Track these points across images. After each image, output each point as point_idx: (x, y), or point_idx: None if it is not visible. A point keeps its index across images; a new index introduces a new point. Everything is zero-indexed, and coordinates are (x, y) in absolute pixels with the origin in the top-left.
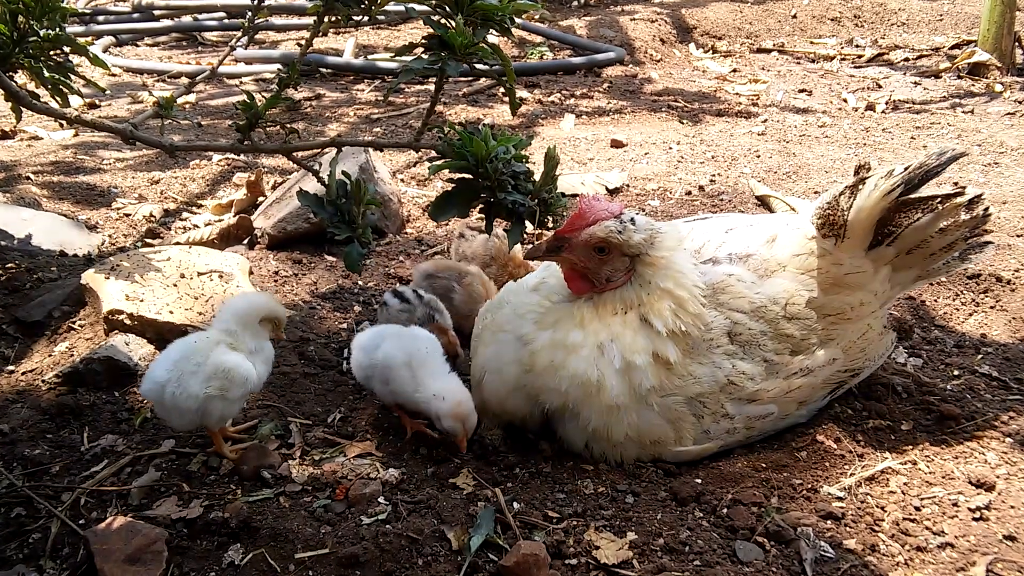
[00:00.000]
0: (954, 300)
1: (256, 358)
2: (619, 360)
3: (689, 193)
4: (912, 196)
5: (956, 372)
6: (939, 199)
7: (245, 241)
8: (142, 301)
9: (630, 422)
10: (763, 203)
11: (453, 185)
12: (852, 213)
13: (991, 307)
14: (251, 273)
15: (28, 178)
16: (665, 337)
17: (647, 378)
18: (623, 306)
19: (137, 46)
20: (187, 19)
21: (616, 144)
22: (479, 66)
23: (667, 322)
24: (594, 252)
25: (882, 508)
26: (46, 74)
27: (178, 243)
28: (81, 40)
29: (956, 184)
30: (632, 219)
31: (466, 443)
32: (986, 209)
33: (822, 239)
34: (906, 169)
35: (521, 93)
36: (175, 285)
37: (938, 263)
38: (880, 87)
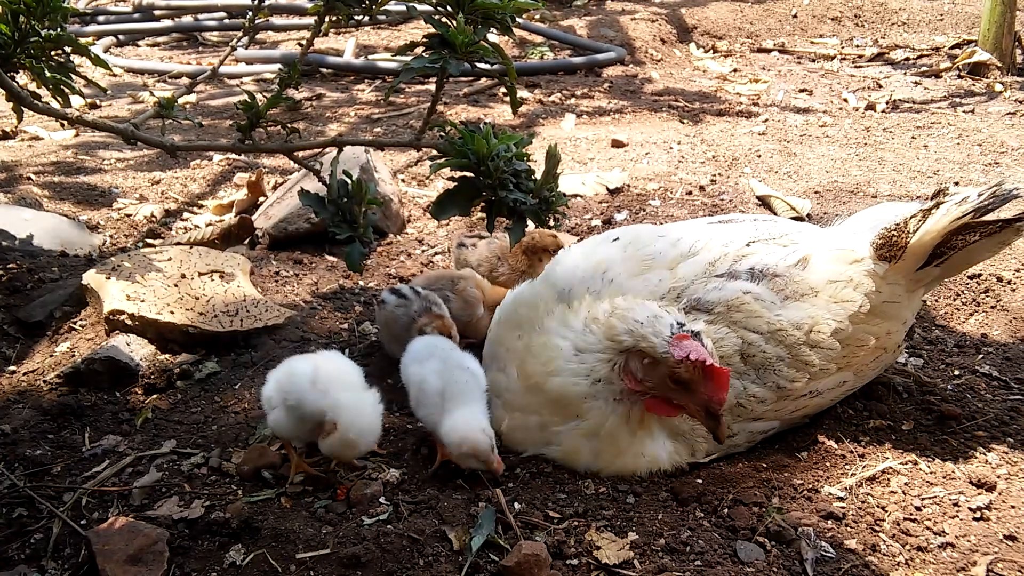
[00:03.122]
0: (955, 300)
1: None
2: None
3: (690, 193)
4: (976, 220)
5: (957, 372)
6: (1000, 223)
7: (246, 241)
8: (143, 301)
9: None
10: (764, 203)
11: (454, 184)
12: (917, 236)
13: (992, 307)
14: (252, 273)
15: (29, 178)
16: None
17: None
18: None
19: (138, 46)
20: (188, 19)
21: (617, 144)
22: (480, 65)
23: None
24: None
25: (883, 508)
26: (47, 74)
27: (179, 243)
28: (82, 40)
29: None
30: (681, 324)
31: (495, 465)
32: None
33: (876, 260)
34: (979, 196)
35: (522, 93)
36: (176, 285)
37: (958, 272)
38: (881, 87)
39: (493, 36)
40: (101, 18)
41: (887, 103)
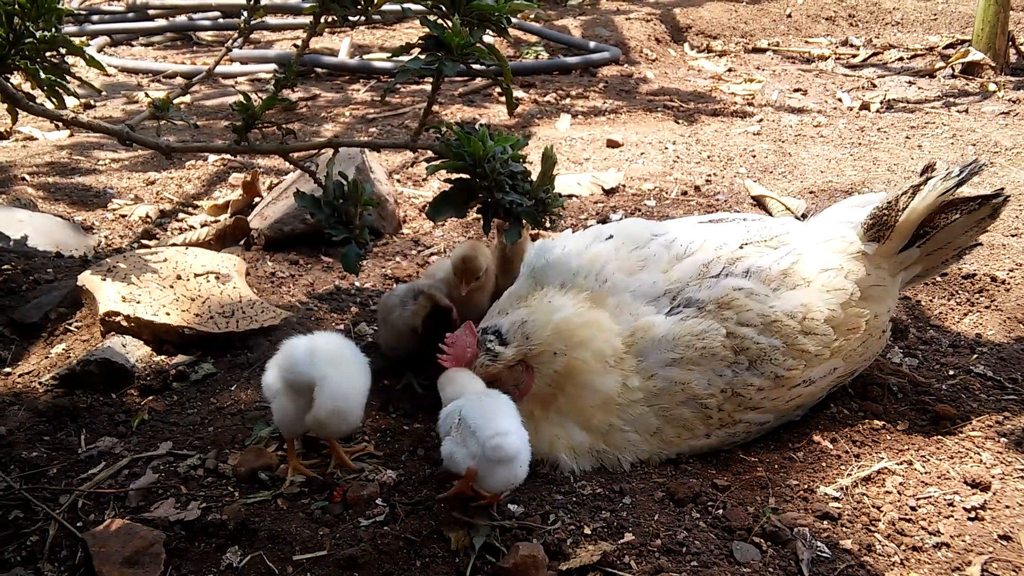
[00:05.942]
0: (949, 300)
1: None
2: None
3: (685, 193)
4: (957, 196)
5: (951, 372)
6: (978, 199)
7: (241, 242)
8: (139, 303)
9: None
10: (759, 203)
11: (450, 185)
12: (905, 213)
13: (986, 307)
14: (248, 274)
15: (24, 179)
16: (603, 404)
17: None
18: (545, 404)
19: (132, 46)
20: (182, 19)
21: (612, 144)
22: (476, 66)
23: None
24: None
25: (878, 508)
26: (42, 75)
27: (174, 244)
28: (76, 40)
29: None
30: (497, 332)
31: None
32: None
33: (866, 241)
34: (960, 171)
35: (517, 93)
36: (172, 286)
37: (939, 262)
38: (875, 87)
39: (488, 37)
40: (95, 18)
41: (881, 103)
